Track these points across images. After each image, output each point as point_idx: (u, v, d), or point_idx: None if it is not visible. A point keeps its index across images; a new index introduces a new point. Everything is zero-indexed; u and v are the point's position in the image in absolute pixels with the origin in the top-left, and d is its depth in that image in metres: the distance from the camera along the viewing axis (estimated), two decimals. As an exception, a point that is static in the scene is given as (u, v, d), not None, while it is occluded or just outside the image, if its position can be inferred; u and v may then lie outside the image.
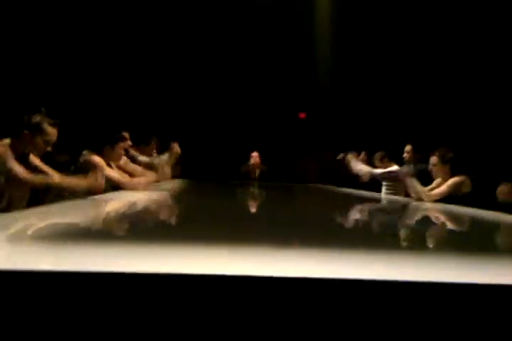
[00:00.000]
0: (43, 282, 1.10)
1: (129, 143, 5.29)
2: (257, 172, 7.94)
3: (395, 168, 5.85)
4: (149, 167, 5.03)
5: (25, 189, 3.16)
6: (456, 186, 4.13)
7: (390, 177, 5.11)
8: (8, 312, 1.08)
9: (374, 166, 6.18)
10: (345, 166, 5.94)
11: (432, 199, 4.11)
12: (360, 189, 5.77)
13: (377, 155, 6.12)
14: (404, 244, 2.11)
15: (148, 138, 6.04)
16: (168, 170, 4.13)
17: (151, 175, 4.22)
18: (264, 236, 1.93)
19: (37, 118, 3.08)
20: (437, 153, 4.31)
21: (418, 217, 3.62)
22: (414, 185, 4.21)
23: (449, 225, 3.02)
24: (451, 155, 4.28)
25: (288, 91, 9.44)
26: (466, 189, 4.12)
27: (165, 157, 5.42)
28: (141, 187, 3.98)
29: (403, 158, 5.75)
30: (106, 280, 1.13)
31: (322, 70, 9.32)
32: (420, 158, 5.42)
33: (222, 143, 9.28)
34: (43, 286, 1.10)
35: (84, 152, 3.96)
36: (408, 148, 5.65)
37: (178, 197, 4.43)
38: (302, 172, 8.70)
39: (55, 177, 3.16)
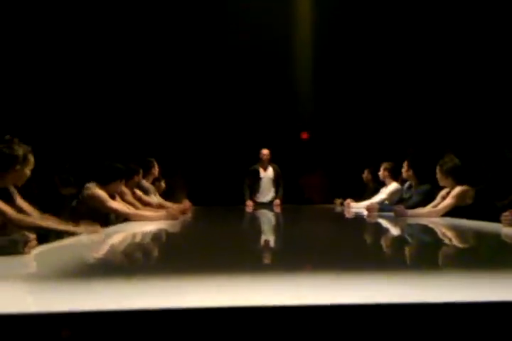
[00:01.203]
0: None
1: (141, 177, 5.29)
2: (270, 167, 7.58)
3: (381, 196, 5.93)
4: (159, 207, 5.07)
5: None
6: (461, 197, 4.14)
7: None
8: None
9: (378, 180, 6.23)
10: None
11: (440, 214, 4.16)
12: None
13: (383, 166, 6.11)
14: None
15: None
16: (176, 217, 4.16)
17: (161, 215, 4.18)
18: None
19: (21, 150, 2.88)
20: (440, 163, 4.33)
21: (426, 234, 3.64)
22: (419, 214, 4.32)
23: (455, 241, 3.04)
24: (452, 165, 4.26)
25: (289, 112, 9.50)
26: (470, 200, 4.13)
27: (175, 206, 5.45)
28: (150, 221, 3.97)
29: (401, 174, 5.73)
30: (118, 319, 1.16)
31: (322, 90, 9.38)
32: (412, 174, 5.41)
33: (225, 166, 9.30)
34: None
35: (88, 185, 3.89)
36: (404, 164, 5.61)
37: (187, 225, 4.45)
38: (307, 193, 8.72)
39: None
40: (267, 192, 7.56)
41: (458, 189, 4.18)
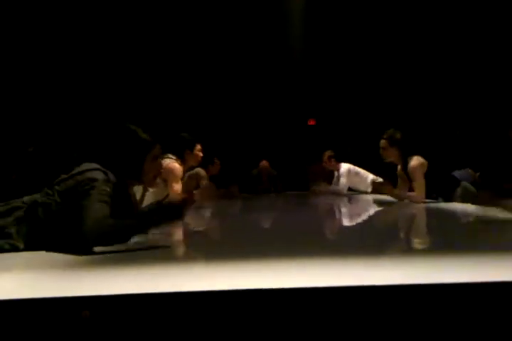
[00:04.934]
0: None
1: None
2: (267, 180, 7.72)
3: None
4: None
5: None
6: (422, 171, 4.09)
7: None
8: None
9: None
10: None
11: (423, 197, 4.10)
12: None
13: (326, 155, 6.21)
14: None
15: None
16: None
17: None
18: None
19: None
20: (385, 136, 4.27)
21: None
22: (399, 196, 4.32)
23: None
24: (399, 137, 4.22)
25: (296, 99, 9.44)
26: (425, 168, 4.10)
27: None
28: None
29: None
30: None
31: (330, 76, 9.31)
32: None
33: (231, 153, 9.29)
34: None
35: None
36: None
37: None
38: (313, 179, 8.71)
39: None
40: None
41: (414, 165, 4.10)
